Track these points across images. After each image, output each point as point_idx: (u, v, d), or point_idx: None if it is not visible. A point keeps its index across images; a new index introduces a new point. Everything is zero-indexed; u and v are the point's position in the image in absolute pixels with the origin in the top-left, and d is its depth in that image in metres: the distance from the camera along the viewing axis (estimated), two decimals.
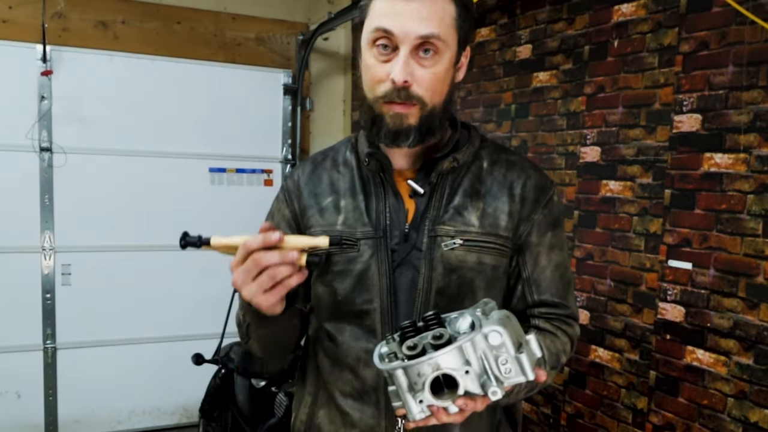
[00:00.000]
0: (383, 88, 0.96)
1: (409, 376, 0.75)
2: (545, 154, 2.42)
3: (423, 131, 0.99)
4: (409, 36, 0.92)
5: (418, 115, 0.97)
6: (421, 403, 0.75)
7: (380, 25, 0.93)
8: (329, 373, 1.08)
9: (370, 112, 0.99)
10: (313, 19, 3.74)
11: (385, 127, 0.98)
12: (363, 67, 0.99)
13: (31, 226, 3.24)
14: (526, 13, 2.50)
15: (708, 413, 1.86)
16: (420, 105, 0.96)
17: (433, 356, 0.74)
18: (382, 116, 0.98)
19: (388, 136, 0.98)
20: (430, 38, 0.93)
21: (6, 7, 3.14)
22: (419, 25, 0.92)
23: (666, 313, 1.98)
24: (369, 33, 0.96)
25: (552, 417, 2.41)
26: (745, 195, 1.75)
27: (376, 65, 0.96)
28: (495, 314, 0.79)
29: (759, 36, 1.70)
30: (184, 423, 3.64)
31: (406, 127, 0.97)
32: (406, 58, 0.93)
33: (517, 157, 1.11)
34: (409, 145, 0.99)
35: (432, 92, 0.97)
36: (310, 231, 1.07)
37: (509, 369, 0.75)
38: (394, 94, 0.95)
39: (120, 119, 3.35)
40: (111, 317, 3.40)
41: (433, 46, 0.94)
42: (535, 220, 1.05)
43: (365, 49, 0.98)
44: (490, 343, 0.75)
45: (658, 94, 1.99)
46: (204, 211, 3.55)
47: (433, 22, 0.93)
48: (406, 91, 0.95)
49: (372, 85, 0.98)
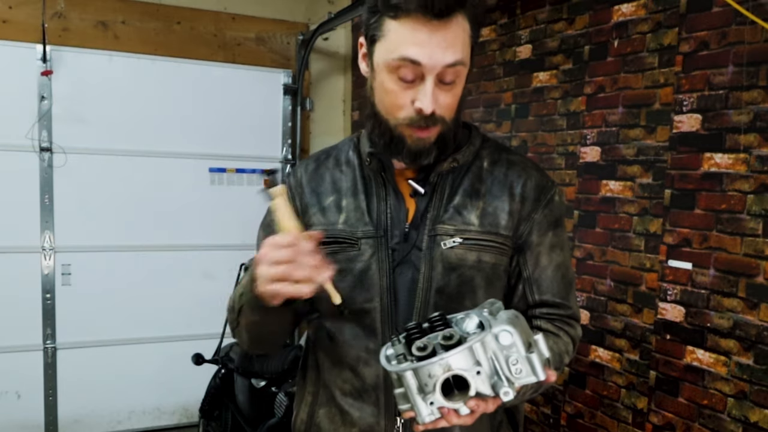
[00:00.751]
0: (406, 113, 0.96)
1: (419, 378, 0.75)
2: (545, 154, 2.42)
3: (441, 147, 1.00)
4: (437, 66, 0.92)
5: (437, 133, 0.98)
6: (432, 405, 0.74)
7: (407, 55, 0.91)
8: (329, 372, 1.09)
9: (389, 133, 0.99)
10: (313, 19, 3.74)
11: (407, 148, 0.99)
12: (379, 87, 0.98)
13: (31, 226, 3.24)
14: (526, 13, 2.50)
15: (708, 413, 1.86)
16: (441, 125, 0.98)
17: (444, 357, 0.73)
18: (402, 138, 0.98)
19: (409, 156, 1.00)
20: (456, 65, 0.93)
21: (6, 7, 3.13)
22: (445, 54, 0.91)
23: (666, 313, 1.98)
24: (391, 59, 0.93)
25: (552, 417, 2.42)
26: (745, 195, 1.75)
27: (398, 91, 0.95)
28: (503, 314, 0.78)
29: (759, 36, 1.70)
30: (184, 423, 3.64)
31: (429, 147, 0.99)
32: (433, 89, 0.93)
33: (518, 157, 1.11)
34: (429, 161, 1.01)
35: (451, 112, 0.99)
36: (312, 229, 1.07)
37: (520, 369, 0.74)
38: (420, 122, 0.96)
39: (120, 119, 3.35)
40: (111, 317, 3.40)
41: (456, 72, 0.94)
42: (535, 220, 1.05)
43: (383, 72, 0.95)
44: (500, 343, 0.74)
45: (658, 94, 2.00)
46: (204, 211, 3.55)
47: (458, 48, 0.93)
48: (432, 116, 0.95)
49: (392, 109, 0.97)
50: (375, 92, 1.00)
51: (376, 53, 0.96)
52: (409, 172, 1.07)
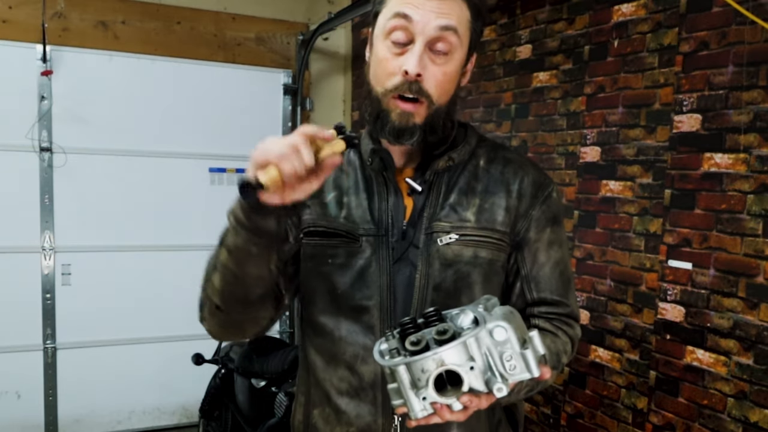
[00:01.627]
0: (394, 81, 0.96)
1: (412, 373, 0.74)
2: (545, 154, 2.42)
3: (426, 130, 0.99)
4: (429, 26, 0.94)
5: (424, 114, 0.98)
6: (424, 400, 0.74)
7: (401, 10, 0.94)
8: (324, 370, 1.07)
9: (377, 105, 0.99)
10: (313, 19, 3.74)
11: (390, 123, 0.98)
12: (373, 59, 1.00)
13: (31, 226, 3.23)
14: (526, 13, 2.50)
15: (708, 413, 1.86)
16: (427, 103, 0.97)
17: (437, 351, 0.72)
18: (388, 112, 0.98)
19: (393, 132, 0.98)
20: (448, 29, 0.95)
21: (6, 7, 3.13)
22: (438, 17, 0.94)
23: (666, 313, 1.98)
24: (386, 20, 0.96)
25: (552, 417, 2.42)
26: (745, 195, 1.75)
27: (389, 58, 0.96)
28: (498, 310, 0.78)
29: (759, 36, 1.70)
30: (184, 423, 3.63)
31: (412, 125, 0.98)
32: (420, 52, 0.94)
33: (515, 155, 1.11)
34: (412, 143, 0.99)
35: (440, 91, 0.98)
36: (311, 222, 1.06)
37: (514, 365, 0.74)
38: (405, 87, 0.95)
39: (120, 119, 3.35)
40: (111, 317, 3.40)
41: (447, 42, 0.95)
42: (533, 216, 1.05)
43: (378, 40, 0.98)
44: (494, 338, 0.74)
45: (658, 94, 1.99)
46: (204, 211, 3.54)
47: (452, 18, 0.95)
48: (417, 84, 0.95)
49: (382, 77, 0.98)
50: (371, 67, 1.01)
51: (376, 27, 0.99)
52: (407, 171, 1.07)
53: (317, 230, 1.05)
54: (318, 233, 1.05)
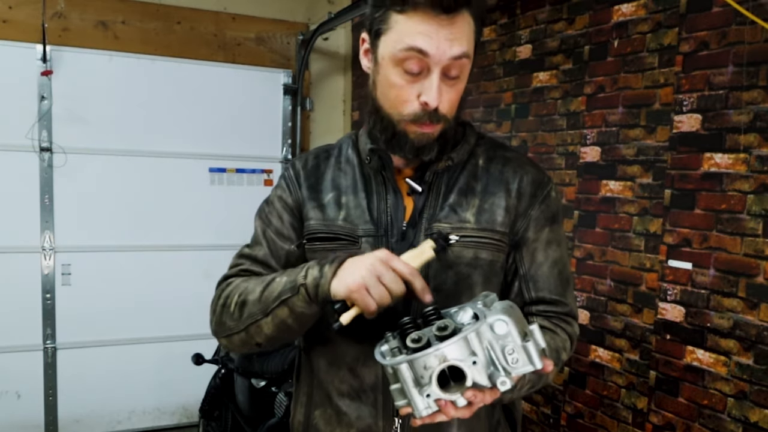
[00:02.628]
0: (411, 109, 0.96)
1: (414, 370, 0.73)
2: (545, 154, 2.42)
3: (442, 143, 1.01)
4: (444, 58, 0.92)
5: (440, 130, 0.99)
6: (428, 398, 0.73)
7: (414, 45, 0.91)
8: (326, 372, 1.08)
9: (391, 128, 0.99)
10: (313, 19, 3.74)
11: (410, 143, 0.99)
12: (383, 81, 0.97)
13: (31, 226, 3.23)
14: (526, 13, 2.50)
15: (708, 413, 1.86)
16: (444, 122, 0.98)
17: (439, 347, 0.72)
18: (406, 133, 0.98)
19: (412, 151, 1.00)
20: (461, 58, 0.94)
21: (6, 7, 3.14)
22: (452, 47, 0.92)
23: (666, 313, 1.98)
24: (398, 50, 0.93)
25: (552, 417, 2.42)
26: (745, 195, 1.75)
27: (404, 85, 0.95)
28: (498, 305, 0.78)
29: (759, 36, 1.70)
30: (184, 423, 3.63)
31: (431, 143, 0.99)
32: (438, 83, 0.93)
33: (514, 153, 1.11)
34: (431, 157, 1.01)
35: (454, 108, 0.99)
36: (310, 224, 1.07)
37: (516, 359, 0.73)
38: (425, 117, 0.96)
39: (120, 119, 3.34)
40: (111, 317, 3.40)
41: (461, 66, 0.95)
42: (532, 216, 1.05)
43: (388, 65, 0.95)
44: (495, 332, 0.73)
45: (658, 94, 1.99)
46: (204, 211, 3.55)
47: (464, 41, 0.93)
48: (436, 112, 0.95)
49: (397, 103, 0.97)
50: (378, 87, 0.99)
51: (380, 47, 0.96)
52: (407, 171, 1.07)
53: (318, 235, 1.06)
54: (319, 238, 1.06)
